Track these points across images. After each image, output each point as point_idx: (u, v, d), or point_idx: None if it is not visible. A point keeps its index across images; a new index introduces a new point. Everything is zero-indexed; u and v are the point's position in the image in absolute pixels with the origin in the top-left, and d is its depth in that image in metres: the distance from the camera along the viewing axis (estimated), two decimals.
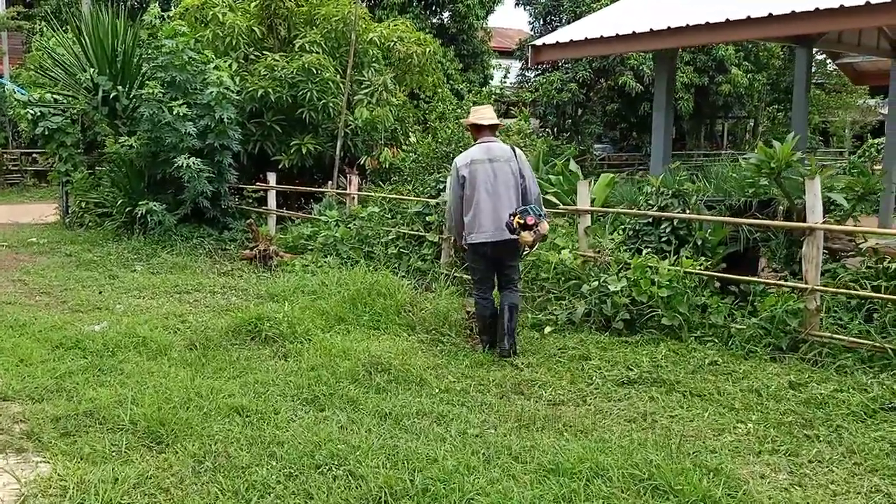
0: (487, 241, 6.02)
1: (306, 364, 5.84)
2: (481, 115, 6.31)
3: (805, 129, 12.97)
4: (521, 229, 5.77)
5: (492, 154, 6.09)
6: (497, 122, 6.31)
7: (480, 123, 6.25)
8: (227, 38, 13.05)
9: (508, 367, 5.75)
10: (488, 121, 6.24)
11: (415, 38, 14.34)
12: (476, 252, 6.18)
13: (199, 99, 11.58)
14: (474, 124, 6.32)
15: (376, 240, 9.47)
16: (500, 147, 6.19)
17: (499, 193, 5.99)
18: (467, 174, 6.07)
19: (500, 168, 6.03)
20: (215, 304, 7.90)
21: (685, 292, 6.47)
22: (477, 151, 6.15)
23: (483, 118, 6.27)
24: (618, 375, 5.42)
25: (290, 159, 12.46)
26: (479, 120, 6.27)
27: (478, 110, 6.42)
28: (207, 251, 10.96)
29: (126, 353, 6.10)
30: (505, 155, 6.09)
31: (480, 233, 6.03)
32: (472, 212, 6.06)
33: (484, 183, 6.00)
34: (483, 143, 6.19)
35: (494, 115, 6.35)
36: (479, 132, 6.31)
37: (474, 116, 6.35)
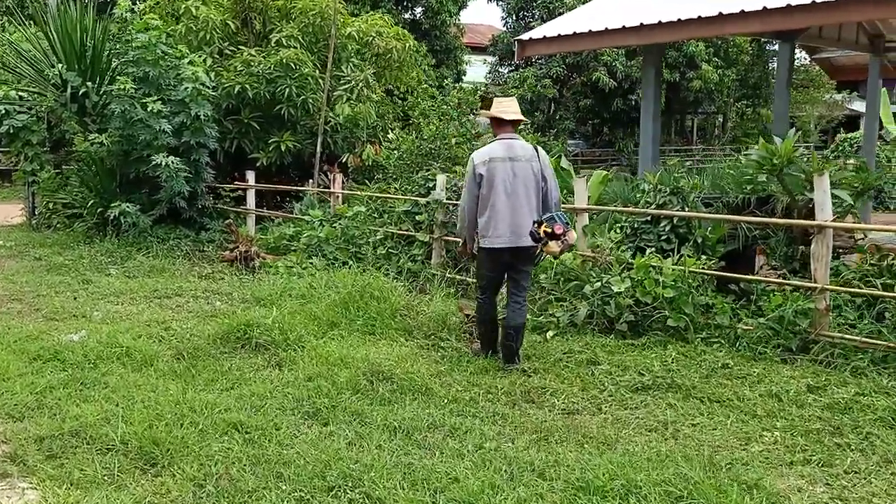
0: (504, 248, 5.56)
1: (303, 374, 5.55)
2: (504, 109, 5.71)
3: (786, 123, 12.92)
4: (550, 238, 5.34)
5: (513, 152, 5.57)
6: (521, 117, 5.77)
7: (503, 118, 5.68)
8: (201, 32, 12.64)
9: (515, 374, 5.52)
10: (511, 115, 5.67)
11: (393, 32, 14.04)
12: (489, 258, 5.72)
13: (173, 95, 11.17)
14: (496, 118, 5.74)
15: (363, 240, 9.19)
16: (522, 145, 5.67)
17: (518, 195, 5.52)
18: (485, 172, 5.56)
19: (521, 168, 5.54)
20: (199, 310, 7.56)
21: (690, 292, 6.30)
22: (497, 148, 5.63)
23: (506, 111, 5.69)
24: (630, 381, 5.21)
25: (269, 157, 12.11)
26: (501, 113, 5.69)
27: (501, 102, 5.80)
28: (185, 253, 10.57)
29: (109, 364, 5.76)
30: (527, 154, 5.59)
31: (496, 237, 5.56)
32: (488, 213, 5.57)
33: (503, 183, 5.51)
34: (504, 140, 5.66)
35: (519, 110, 5.77)
36: (500, 127, 5.74)
37: (497, 109, 5.74)
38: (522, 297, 5.78)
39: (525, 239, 5.48)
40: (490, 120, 5.93)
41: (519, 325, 5.70)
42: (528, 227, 5.45)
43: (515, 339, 5.68)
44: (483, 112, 5.99)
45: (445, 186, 8.53)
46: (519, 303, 5.74)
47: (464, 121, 11.29)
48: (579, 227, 7.29)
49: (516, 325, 5.67)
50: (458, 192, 8.66)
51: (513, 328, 5.66)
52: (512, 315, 5.70)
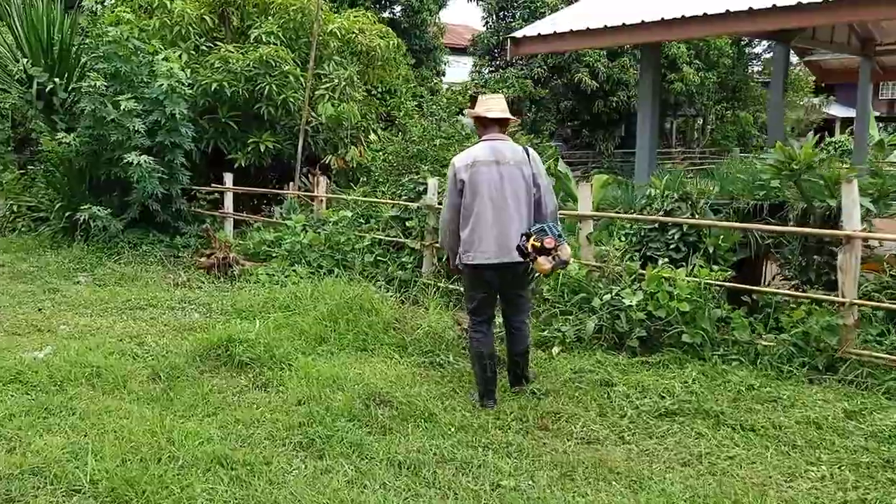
0: (489, 264, 4.83)
1: (292, 397, 5.07)
2: (489, 107, 5.00)
3: (781, 124, 12.69)
4: (538, 254, 4.63)
5: (499, 155, 4.85)
6: (508, 116, 5.00)
7: (487, 116, 4.96)
8: (176, 27, 12.04)
9: (525, 397, 5.07)
10: (496, 113, 4.95)
11: (376, 30, 13.55)
12: (474, 276, 4.97)
13: (146, 93, 10.58)
14: (480, 117, 5.03)
15: (349, 247, 8.69)
16: (511, 147, 4.95)
17: (506, 204, 4.81)
18: (467, 178, 4.84)
19: (510, 173, 4.82)
20: (175, 323, 7.03)
21: (706, 306, 5.90)
22: (481, 150, 4.92)
23: (491, 110, 4.97)
24: (652, 405, 4.79)
25: (247, 158, 11.55)
26: (486, 111, 4.97)
27: (486, 100, 5.09)
28: (159, 259, 9.98)
29: (77, 387, 5.23)
30: (516, 157, 4.88)
31: (480, 252, 4.82)
32: (471, 225, 4.85)
33: (488, 190, 4.80)
34: (489, 141, 4.95)
35: (506, 108, 5.05)
36: (485, 127, 5.03)
37: (481, 107, 5.03)
38: (521, 321, 5.11)
39: (513, 254, 4.79)
40: (474, 120, 5.19)
41: (524, 350, 5.16)
42: (515, 241, 4.77)
43: (521, 365, 5.17)
44: (467, 111, 5.25)
45: (437, 190, 8.07)
46: (519, 328, 5.11)
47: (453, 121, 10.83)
48: (583, 235, 6.87)
49: (522, 351, 5.14)
50: None
51: (517, 354, 5.15)
52: (513, 342, 5.13)
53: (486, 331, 5.07)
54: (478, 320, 5.05)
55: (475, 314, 5.07)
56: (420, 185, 8.45)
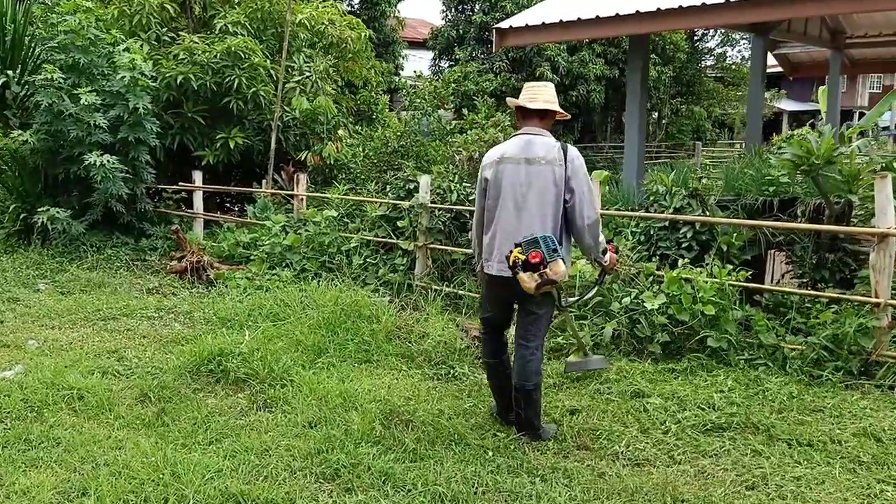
0: (496, 276, 4.28)
1: (301, 417, 4.62)
2: (532, 95, 4.33)
3: (759, 117, 12.59)
4: (522, 269, 4.00)
5: (531, 151, 4.21)
6: (550, 107, 4.31)
7: (526, 106, 4.30)
8: (136, 16, 11.36)
9: (557, 411, 4.70)
10: (538, 103, 4.28)
11: (346, 21, 13.05)
12: (488, 286, 4.46)
13: (107, 86, 9.94)
14: (520, 107, 4.36)
15: (334, 248, 8.23)
16: (545, 143, 4.24)
17: (529, 209, 4.18)
18: (492, 176, 4.29)
19: (539, 173, 4.17)
20: (155, 334, 6.49)
21: (730, 308, 5.62)
22: (511, 146, 4.31)
23: (534, 98, 4.30)
24: (695, 419, 4.47)
25: (216, 155, 10.96)
26: (528, 101, 4.31)
27: (531, 87, 4.42)
28: (125, 263, 9.36)
29: (57, 412, 4.70)
30: (549, 155, 4.18)
31: (499, 262, 4.25)
32: (492, 230, 4.31)
33: (512, 192, 4.22)
34: (523, 135, 4.31)
35: (554, 98, 4.37)
36: (522, 119, 4.39)
37: (525, 95, 4.37)
38: (530, 348, 4.32)
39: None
40: (515, 111, 4.50)
41: (525, 387, 4.28)
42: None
43: (524, 405, 4.31)
44: (510, 100, 4.53)
45: (429, 188, 7.66)
46: (524, 355, 4.32)
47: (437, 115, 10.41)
48: None
49: (521, 387, 4.29)
50: (443, 195, 7.82)
51: (520, 391, 4.31)
52: (518, 372, 4.33)
53: (495, 339, 4.57)
54: (487, 329, 4.59)
55: (485, 322, 4.61)
56: (410, 182, 8.02)
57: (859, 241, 6.37)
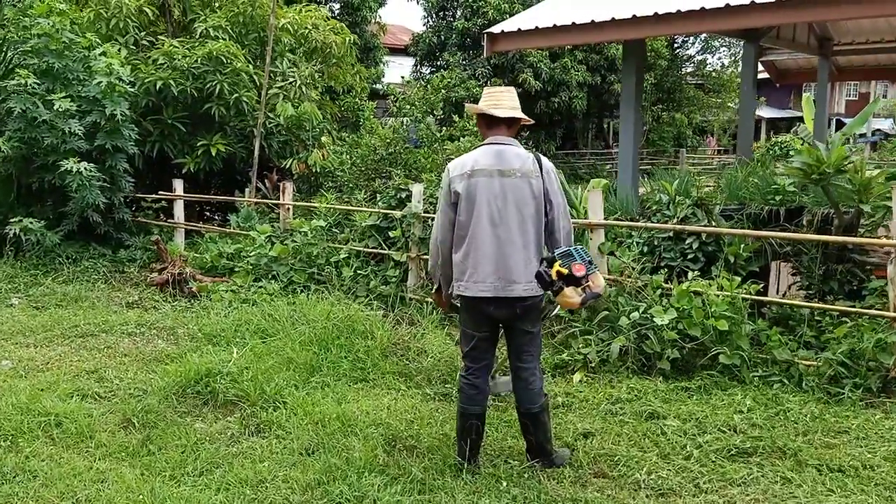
0: (487, 298, 3.84)
1: (297, 444, 4.33)
2: (496, 101, 3.95)
3: (751, 123, 12.48)
4: (565, 283, 3.67)
5: (505, 163, 3.85)
6: (520, 115, 3.97)
7: (493, 114, 3.91)
8: (113, 19, 11.00)
9: (569, 435, 4.44)
10: (505, 111, 3.91)
11: (330, 25, 12.76)
12: (468, 311, 3.97)
13: (83, 91, 9.57)
14: (484, 115, 3.96)
15: (323, 259, 7.93)
16: (518, 154, 3.89)
17: (508, 224, 3.83)
18: (463, 190, 3.85)
19: (516, 186, 3.83)
20: (137, 353, 6.15)
21: (742, 323, 5.41)
22: (483, 156, 3.89)
23: (499, 105, 3.92)
24: (717, 443, 4.23)
25: (197, 163, 10.61)
26: (492, 108, 3.92)
27: (493, 93, 4.01)
28: (103, 276, 8.98)
29: (33, 441, 4.36)
30: (524, 166, 3.85)
31: (475, 283, 3.84)
32: (465, 249, 3.87)
33: (488, 207, 3.83)
34: (494, 146, 3.91)
35: (517, 104, 3.98)
36: (489, 128, 3.97)
37: (488, 101, 3.98)
38: (530, 368, 3.99)
39: (517, 286, 3.81)
40: (477, 118, 4.13)
41: (532, 411, 3.98)
42: (521, 269, 3.81)
43: (535, 431, 4.00)
44: (469, 107, 4.25)
45: (422, 197, 7.40)
46: (526, 379, 3.98)
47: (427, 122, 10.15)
48: (594, 245, 6.30)
49: (528, 411, 3.98)
50: (435, 205, 7.55)
51: (527, 416, 3.99)
52: (522, 397, 4.00)
53: (481, 384, 4.01)
54: (472, 368, 4.01)
55: (470, 359, 4.03)
56: (402, 191, 7.74)
57: (867, 251, 6.20)
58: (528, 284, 3.80)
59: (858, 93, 46.21)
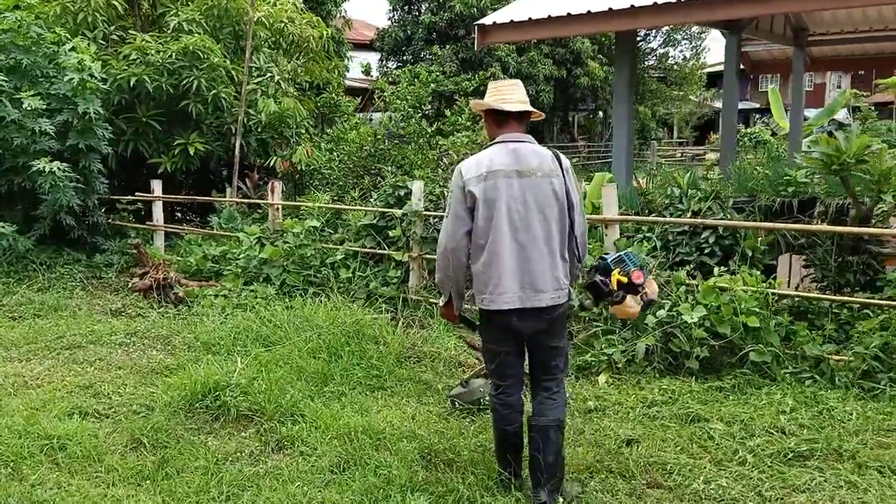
0: (512, 310, 3.49)
1: (326, 461, 4.05)
2: (505, 96, 3.63)
3: (735, 115, 12.41)
4: (626, 291, 3.46)
5: (522, 162, 3.51)
6: (529, 108, 3.64)
7: (503, 109, 3.60)
8: (80, 13, 10.48)
9: (610, 441, 4.23)
10: (514, 105, 3.59)
11: (306, 19, 12.39)
12: (492, 325, 3.63)
13: (53, 89, 9.10)
14: (492, 110, 3.65)
15: (317, 260, 7.62)
16: (536, 151, 3.57)
17: (531, 230, 3.49)
18: (480, 193, 3.49)
19: (536, 187, 3.49)
20: (132, 365, 5.79)
21: (771, 319, 5.26)
22: (498, 156, 3.55)
23: (507, 100, 3.60)
24: (769, 446, 4.06)
25: (174, 162, 10.18)
26: (500, 103, 3.60)
27: (500, 87, 3.70)
28: (80, 282, 8.54)
29: (37, 467, 4.01)
30: (544, 166, 3.53)
31: (498, 294, 3.49)
32: (486, 258, 3.52)
33: (508, 210, 3.48)
34: (507, 144, 3.58)
35: (526, 97, 3.66)
36: (499, 126, 3.65)
37: (494, 96, 3.65)
38: (554, 384, 3.67)
39: (545, 296, 3.48)
40: (483, 115, 3.81)
41: (550, 426, 3.57)
42: (548, 277, 3.49)
43: (546, 449, 3.53)
44: (475, 103, 3.77)
45: (422, 195, 7.13)
46: (549, 389, 3.65)
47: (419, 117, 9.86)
48: (609, 242, 6.11)
49: (545, 426, 3.57)
50: (435, 202, 7.31)
51: (541, 429, 3.57)
52: (539, 408, 3.63)
53: (514, 402, 3.70)
54: (502, 386, 3.70)
55: (498, 377, 3.72)
56: (400, 188, 7.47)
57: (882, 242, 6.11)
58: (556, 293, 3.49)
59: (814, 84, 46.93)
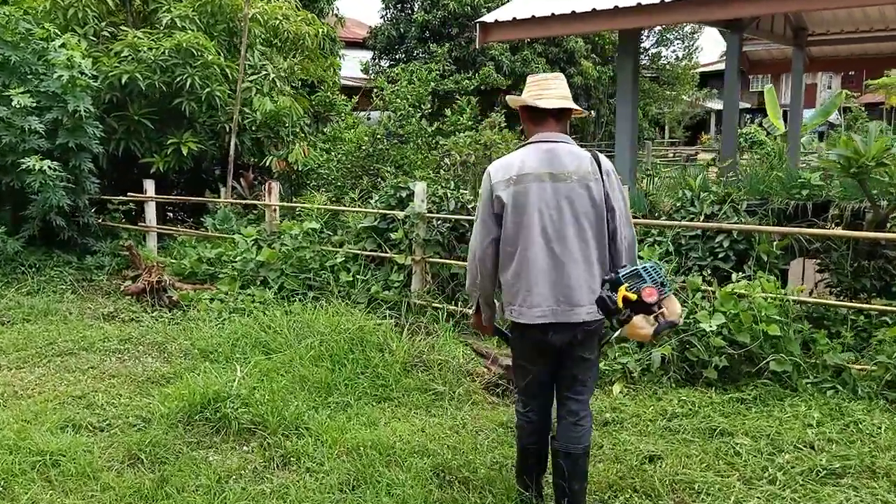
0: (544, 325, 3.24)
1: (334, 478, 3.85)
2: (541, 91, 3.32)
3: (736, 115, 12.27)
4: (632, 310, 3.02)
5: (557, 164, 3.22)
6: (570, 105, 3.32)
7: (538, 106, 3.29)
8: (70, 9, 10.23)
9: (632, 455, 4.05)
10: (553, 101, 3.28)
11: (302, 16, 12.17)
12: (523, 340, 3.39)
13: (42, 86, 8.85)
14: (527, 107, 3.35)
15: (317, 263, 7.41)
16: (572, 152, 3.26)
17: (566, 239, 3.22)
18: (509, 198, 3.25)
19: (572, 192, 3.21)
20: (127, 373, 5.56)
21: (791, 327, 5.09)
22: (530, 157, 3.27)
23: (545, 95, 3.29)
24: (799, 463, 3.88)
25: (166, 162, 9.93)
26: (536, 99, 3.29)
27: (538, 81, 3.38)
28: (70, 285, 8.30)
29: (29, 486, 3.79)
30: (581, 168, 3.22)
31: (529, 308, 3.24)
32: (516, 267, 3.27)
33: (540, 218, 3.23)
34: (541, 144, 3.29)
35: (567, 93, 3.35)
36: (535, 123, 3.33)
37: (530, 92, 3.34)
38: (582, 401, 3.38)
39: (581, 310, 3.21)
40: (520, 113, 3.44)
41: (576, 452, 3.33)
42: (584, 290, 3.22)
43: (571, 476, 3.32)
44: (511, 99, 3.42)
45: (424, 196, 6.93)
46: (576, 412, 3.36)
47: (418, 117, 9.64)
48: None
49: (570, 452, 3.33)
50: (438, 204, 7.12)
51: (566, 455, 3.33)
52: (565, 434, 3.36)
53: (539, 419, 3.47)
54: (530, 405, 3.48)
55: (527, 395, 3.49)
56: (402, 190, 7.26)
57: None
58: (593, 307, 3.17)
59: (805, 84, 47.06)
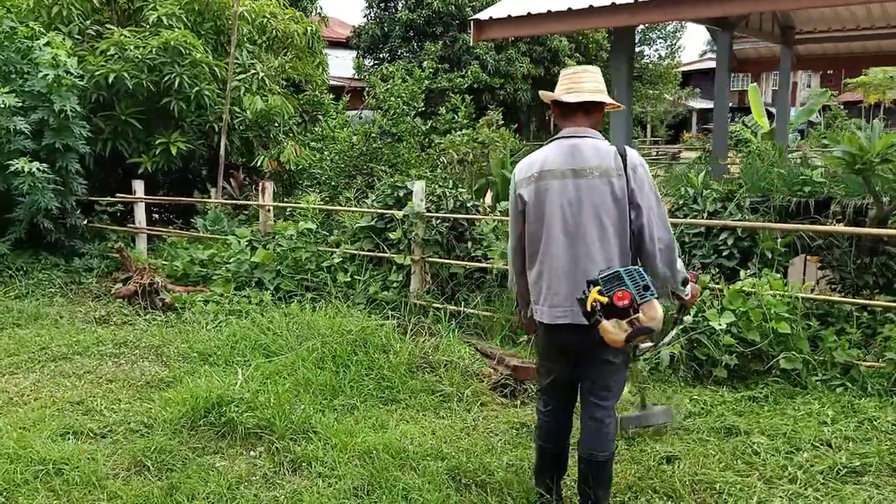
0: (561, 324, 3.20)
1: (347, 483, 3.76)
2: (571, 85, 3.26)
3: (725, 113, 12.28)
4: (604, 314, 2.93)
5: (579, 160, 3.17)
6: (602, 98, 3.24)
7: (565, 100, 3.24)
8: (54, 6, 10.04)
9: (649, 455, 4.00)
10: (579, 95, 3.22)
11: (289, 14, 12.03)
12: (543, 337, 3.39)
13: (27, 86, 8.67)
14: (556, 102, 3.30)
15: (313, 264, 7.30)
16: (597, 147, 3.18)
17: (586, 237, 3.15)
18: (530, 196, 3.24)
19: (593, 188, 3.14)
20: (124, 378, 5.43)
21: (800, 324, 5.06)
22: (554, 154, 3.23)
23: (575, 89, 3.24)
24: (819, 462, 3.84)
25: (155, 162, 9.77)
26: (564, 93, 3.25)
27: (570, 75, 3.31)
28: (59, 288, 8.13)
29: (33, 495, 3.67)
30: (603, 163, 3.14)
31: (549, 307, 3.22)
32: (538, 266, 3.26)
33: (561, 215, 3.18)
34: (566, 140, 3.23)
35: (601, 86, 3.27)
36: (563, 117, 3.29)
37: (563, 85, 3.29)
38: (606, 407, 3.27)
39: None
40: (552, 105, 3.36)
41: (597, 459, 3.26)
42: None
43: (595, 483, 3.26)
44: (544, 94, 3.37)
45: (423, 195, 6.85)
46: (599, 418, 3.26)
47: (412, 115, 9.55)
48: None
49: (592, 458, 3.27)
50: (437, 203, 7.04)
51: (588, 461, 3.28)
52: (587, 438, 3.28)
53: (560, 418, 3.45)
54: (551, 406, 3.46)
55: (549, 396, 3.47)
56: (399, 189, 7.17)
57: None
58: None
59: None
